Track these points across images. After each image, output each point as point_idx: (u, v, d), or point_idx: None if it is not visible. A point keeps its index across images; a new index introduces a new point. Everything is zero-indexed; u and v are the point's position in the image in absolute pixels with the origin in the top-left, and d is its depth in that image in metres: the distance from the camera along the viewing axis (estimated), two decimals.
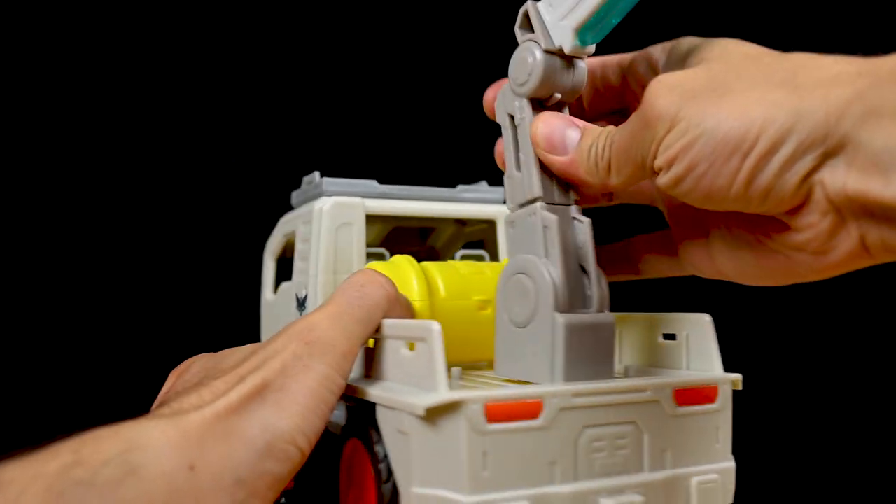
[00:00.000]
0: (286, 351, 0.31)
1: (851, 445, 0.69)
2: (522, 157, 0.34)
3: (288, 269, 0.49)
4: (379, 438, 0.32)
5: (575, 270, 0.33)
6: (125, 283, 0.66)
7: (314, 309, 0.34)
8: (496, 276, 0.36)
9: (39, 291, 0.64)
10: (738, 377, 0.34)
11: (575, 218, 0.34)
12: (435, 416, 0.28)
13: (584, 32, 0.31)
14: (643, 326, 0.38)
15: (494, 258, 0.50)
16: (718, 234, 0.32)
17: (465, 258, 0.50)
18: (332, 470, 0.37)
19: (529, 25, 0.33)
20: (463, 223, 0.54)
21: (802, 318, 0.67)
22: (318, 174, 0.46)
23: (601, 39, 0.32)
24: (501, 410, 0.28)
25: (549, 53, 0.32)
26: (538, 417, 0.29)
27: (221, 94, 0.69)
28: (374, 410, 0.33)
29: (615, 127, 0.31)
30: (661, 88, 0.28)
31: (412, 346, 0.32)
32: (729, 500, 0.33)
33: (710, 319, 0.35)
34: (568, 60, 0.33)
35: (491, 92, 0.36)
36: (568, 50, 0.32)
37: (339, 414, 0.37)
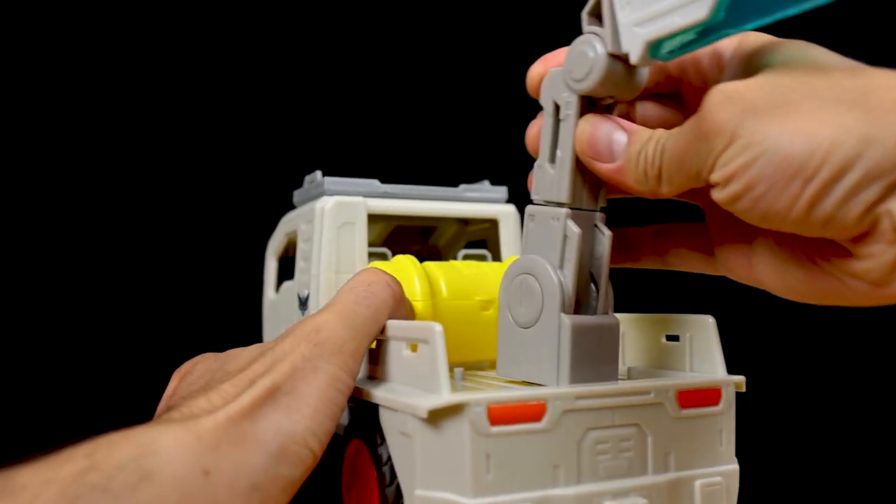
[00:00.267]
0: (295, 353, 0.31)
1: (855, 448, 0.69)
2: (560, 153, 0.32)
3: (290, 268, 0.48)
4: (382, 440, 0.32)
5: (584, 278, 0.32)
6: (128, 282, 0.66)
7: (320, 308, 0.34)
8: (498, 276, 0.36)
9: (42, 293, 0.64)
10: (741, 379, 0.34)
11: (597, 226, 0.33)
12: (438, 418, 0.28)
13: (657, 47, 0.28)
14: (647, 327, 0.38)
15: (497, 258, 0.50)
16: (765, 244, 0.30)
17: (466, 258, 0.50)
18: (334, 471, 0.37)
19: (598, 16, 0.30)
20: (465, 222, 0.54)
21: (807, 320, 0.67)
22: (319, 173, 0.46)
23: (677, 57, 0.29)
24: (504, 413, 0.28)
25: (613, 57, 0.29)
26: (541, 420, 0.29)
27: (224, 93, 0.69)
28: (377, 412, 0.33)
29: (664, 131, 0.29)
30: (721, 99, 0.26)
31: (414, 347, 0.32)
32: (732, 502, 0.33)
33: (713, 321, 0.35)
34: (632, 67, 0.30)
35: (538, 67, 0.33)
36: (634, 60, 0.29)
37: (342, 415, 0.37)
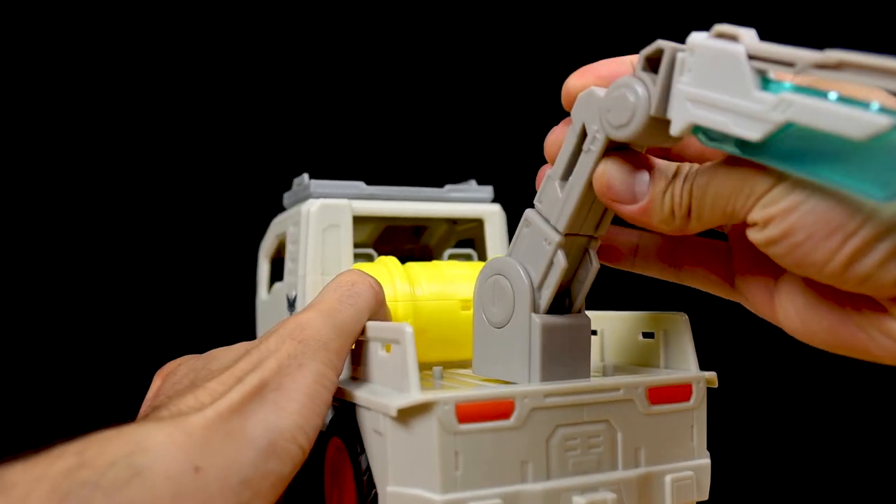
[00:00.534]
0: (281, 350, 0.31)
1: (827, 442, 0.69)
2: (572, 182, 0.31)
3: (282, 269, 0.49)
4: (359, 438, 0.33)
5: (562, 293, 0.33)
6: (122, 283, 0.67)
7: (304, 308, 0.34)
8: None
9: (33, 293, 0.65)
10: (712, 375, 0.34)
11: (588, 253, 0.32)
12: (407, 416, 0.29)
13: (699, 131, 0.27)
14: (623, 324, 0.39)
15: (483, 257, 0.50)
16: (793, 284, 0.28)
17: (452, 257, 0.50)
18: (317, 468, 0.38)
19: (654, 67, 0.27)
20: (454, 222, 0.54)
21: None
22: (306, 176, 0.46)
23: (713, 146, 0.27)
24: (473, 411, 0.29)
25: (655, 120, 0.27)
26: (510, 417, 0.30)
27: (217, 96, 0.70)
28: (354, 410, 0.33)
29: (692, 166, 0.28)
30: None
31: (388, 347, 0.32)
32: (704, 496, 0.34)
33: (686, 318, 0.35)
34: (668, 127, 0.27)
35: (578, 80, 0.31)
36: (674, 133, 0.27)
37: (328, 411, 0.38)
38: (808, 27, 0.65)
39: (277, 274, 0.51)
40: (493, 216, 0.50)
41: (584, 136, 0.30)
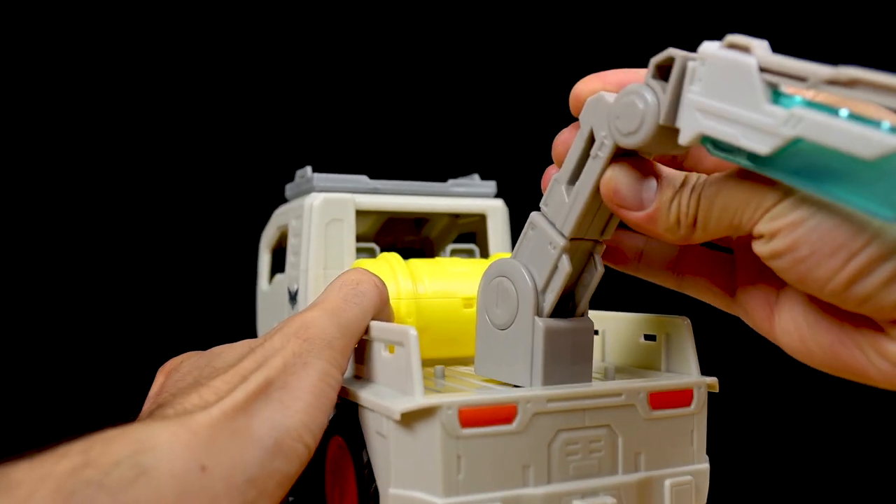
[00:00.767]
0: (286, 349, 0.31)
1: (828, 448, 0.70)
2: (578, 186, 0.30)
3: (283, 260, 0.49)
4: (361, 438, 0.33)
5: (566, 297, 0.33)
6: (123, 275, 0.67)
7: (309, 305, 0.35)
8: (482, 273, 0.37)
9: (34, 288, 0.65)
10: (713, 380, 0.35)
11: (593, 257, 0.32)
12: (410, 420, 0.29)
13: (707, 141, 0.27)
14: (626, 326, 0.39)
15: (485, 252, 0.50)
16: (795, 301, 0.28)
17: (454, 252, 0.50)
18: (318, 466, 0.38)
19: (665, 76, 0.27)
20: (456, 215, 0.54)
21: None
22: (310, 169, 0.46)
23: (721, 158, 0.27)
24: (476, 415, 0.29)
25: (664, 128, 0.27)
26: (512, 422, 0.30)
27: (219, 89, 0.69)
28: (357, 410, 0.33)
29: (700, 176, 0.28)
30: None
31: (392, 348, 0.32)
32: (702, 501, 0.34)
33: (688, 322, 0.36)
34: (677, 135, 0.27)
35: (588, 85, 0.31)
36: (683, 142, 0.27)
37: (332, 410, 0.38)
38: (821, 40, 0.65)
39: (278, 265, 0.51)
40: (495, 211, 0.50)
41: (591, 141, 0.30)
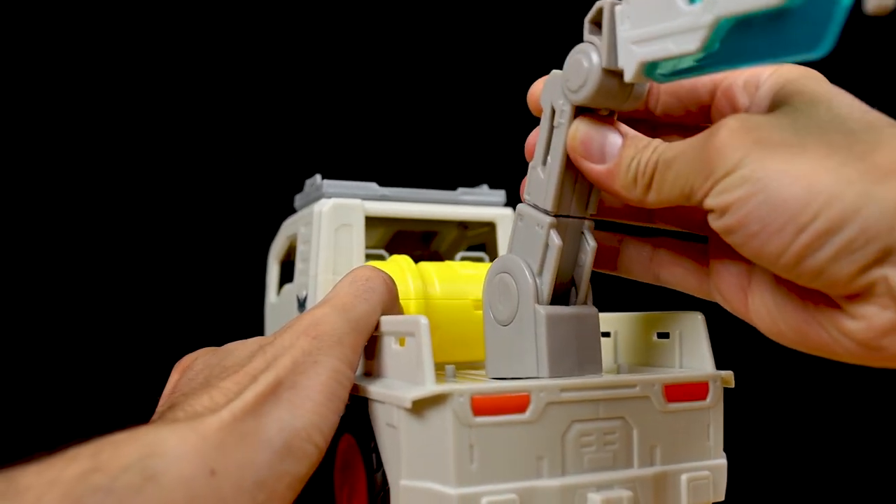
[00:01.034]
0: (295, 347, 0.31)
1: (844, 443, 0.68)
2: (550, 160, 0.31)
3: (292, 271, 0.49)
4: (371, 434, 0.33)
5: (565, 282, 0.33)
6: (134, 286, 0.67)
7: (319, 302, 0.34)
8: None
9: (47, 296, 0.65)
10: (729, 374, 0.34)
11: (584, 234, 0.33)
12: (422, 408, 0.29)
13: (652, 68, 0.27)
14: (638, 325, 0.38)
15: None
16: (764, 281, 0.28)
17: (464, 259, 0.50)
18: (327, 465, 0.38)
19: (599, 24, 0.29)
20: (465, 226, 0.54)
21: None
22: (319, 176, 0.47)
23: (672, 81, 0.28)
24: (488, 403, 0.29)
25: (607, 71, 0.28)
26: (525, 411, 0.29)
27: (228, 100, 0.70)
28: (366, 406, 0.33)
29: (663, 142, 0.28)
30: (737, 126, 0.25)
31: (402, 341, 0.32)
32: (720, 497, 0.33)
33: (702, 317, 0.35)
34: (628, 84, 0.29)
35: (539, 85, 0.33)
36: (628, 79, 0.28)
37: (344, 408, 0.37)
38: None
39: (287, 277, 0.51)
40: (504, 220, 0.50)
41: (554, 115, 0.31)
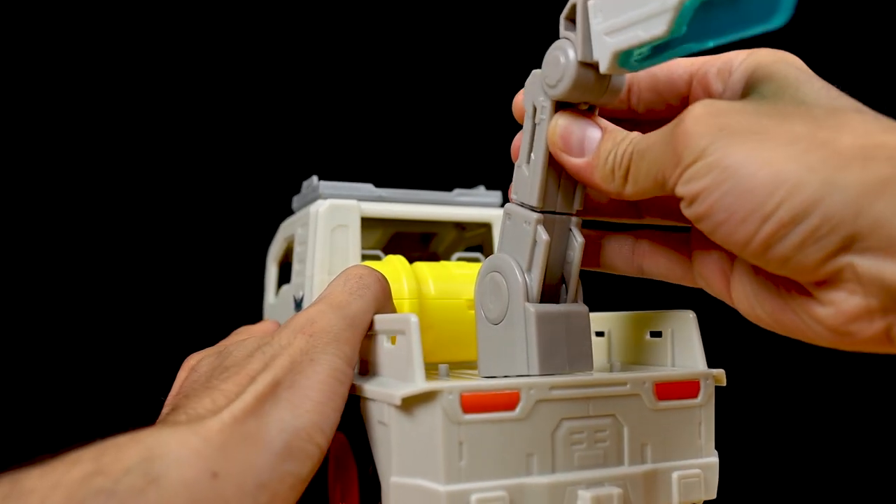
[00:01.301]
0: (292, 346, 0.31)
1: (836, 441, 0.68)
2: (532, 157, 0.32)
3: (290, 273, 0.49)
4: (363, 431, 0.33)
5: (555, 279, 0.33)
6: (131, 289, 0.67)
7: (314, 300, 0.34)
8: None
9: (47, 299, 0.65)
10: (720, 372, 0.34)
11: (571, 231, 0.33)
12: (412, 405, 0.29)
13: (626, 57, 0.28)
14: (631, 325, 0.39)
15: None
16: (742, 267, 0.29)
17: (460, 260, 0.50)
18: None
19: (574, 22, 0.29)
20: (463, 227, 0.54)
21: None
22: (315, 178, 0.47)
23: (645, 68, 0.29)
24: (477, 401, 0.29)
25: (583, 64, 0.29)
26: (515, 409, 0.29)
27: (225, 102, 0.70)
28: (358, 403, 0.33)
29: (641, 134, 0.29)
30: (702, 113, 0.25)
31: (394, 339, 0.32)
32: (712, 495, 0.33)
33: (693, 316, 0.35)
34: (604, 75, 0.30)
35: (522, 95, 0.33)
36: (603, 70, 0.28)
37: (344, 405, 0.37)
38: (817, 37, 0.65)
39: (285, 278, 0.51)
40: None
41: (535, 114, 0.32)
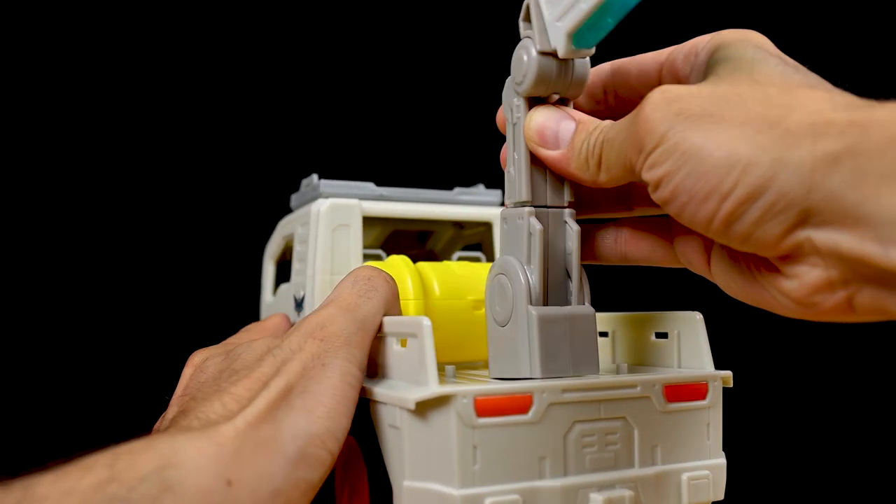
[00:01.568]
0: (304, 351, 0.31)
1: (844, 442, 0.69)
2: (515, 156, 0.33)
3: (287, 271, 0.49)
4: (373, 435, 0.33)
5: (558, 275, 0.33)
6: (129, 287, 0.67)
7: (323, 303, 0.34)
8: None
9: (44, 299, 0.65)
10: (728, 374, 0.34)
11: (566, 222, 0.33)
12: (425, 409, 0.29)
13: (578, 36, 0.30)
14: (637, 325, 0.39)
15: (491, 261, 0.50)
16: (718, 246, 0.30)
17: (461, 259, 0.50)
18: None
19: (531, 21, 0.31)
20: (461, 226, 0.54)
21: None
22: (315, 176, 0.46)
23: (598, 42, 0.30)
24: (491, 405, 0.29)
25: (543, 54, 0.31)
26: (528, 412, 0.29)
27: (222, 99, 0.70)
28: (368, 406, 0.33)
29: (611, 122, 0.30)
30: (660, 99, 0.26)
31: (404, 342, 0.32)
32: (720, 496, 0.33)
33: (700, 317, 0.35)
34: (565, 62, 0.32)
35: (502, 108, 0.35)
36: (562, 54, 0.30)
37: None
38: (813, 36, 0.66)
39: (283, 277, 0.51)
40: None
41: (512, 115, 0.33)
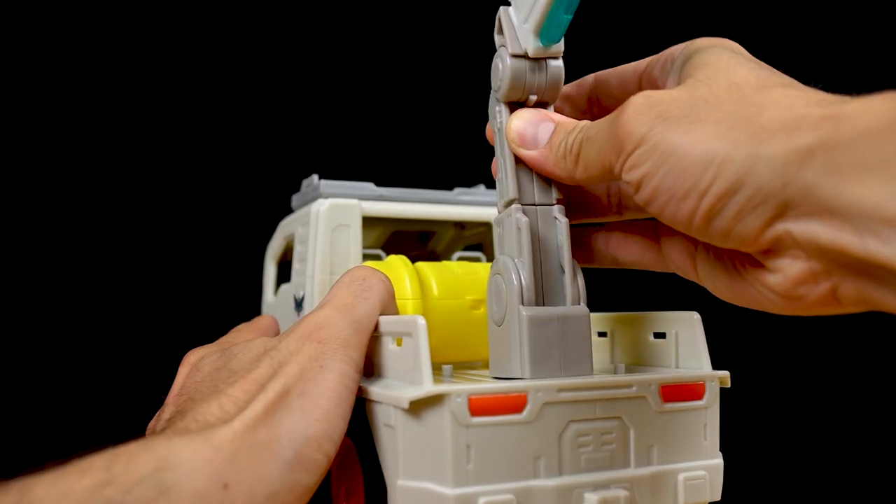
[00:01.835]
0: (301, 353, 0.31)
1: (841, 443, 0.69)
2: (502, 160, 0.34)
3: (288, 272, 0.49)
4: (369, 434, 0.33)
5: (552, 270, 0.33)
6: (129, 287, 0.67)
7: (319, 303, 0.34)
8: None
9: (42, 299, 0.65)
10: (725, 374, 0.34)
11: (556, 218, 0.34)
12: (419, 408, 0.29)
13: (543, 34, 0.32)
14: (634, 325, 0.39)
15: (491, 261, 0.50)
16: (703, 247, 0.31)
17: (461, 259, 0.50)
18: None
19: (503, 33, 0.33)
20: (462, 226, 0.54)
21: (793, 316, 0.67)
22: (316, 177, 0.47)
23: (560, 38, 0.32)
24: (485, 404, 0.29)
25: (516, 57, 0.33)
26: (522, 411, 0.29)
27: (223, 100, 0.70)
28: (364, 406, 0.33)
29: (590, 122, 0.30)
30: (641, 102, 0.27)
31: (399, 341, 0.32)
32: (716, 496, 0.33)
33: (698, 317, 0.35)
34: (537, 62, 0.33)
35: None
36: (531, 53, 0.32)
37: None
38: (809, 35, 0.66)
39: (284, 277, 0.51)
40: None
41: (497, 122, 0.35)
